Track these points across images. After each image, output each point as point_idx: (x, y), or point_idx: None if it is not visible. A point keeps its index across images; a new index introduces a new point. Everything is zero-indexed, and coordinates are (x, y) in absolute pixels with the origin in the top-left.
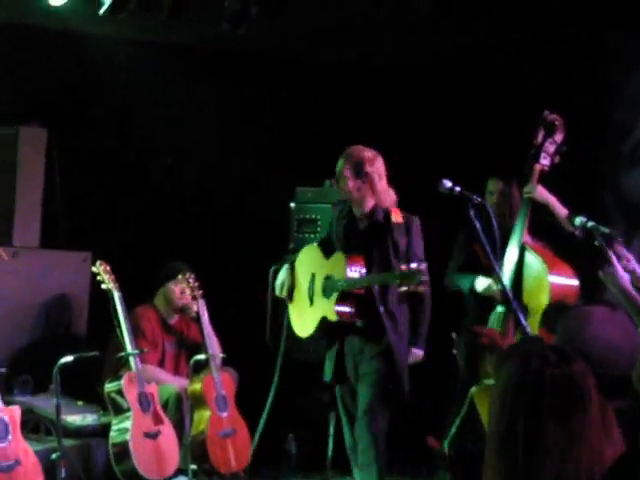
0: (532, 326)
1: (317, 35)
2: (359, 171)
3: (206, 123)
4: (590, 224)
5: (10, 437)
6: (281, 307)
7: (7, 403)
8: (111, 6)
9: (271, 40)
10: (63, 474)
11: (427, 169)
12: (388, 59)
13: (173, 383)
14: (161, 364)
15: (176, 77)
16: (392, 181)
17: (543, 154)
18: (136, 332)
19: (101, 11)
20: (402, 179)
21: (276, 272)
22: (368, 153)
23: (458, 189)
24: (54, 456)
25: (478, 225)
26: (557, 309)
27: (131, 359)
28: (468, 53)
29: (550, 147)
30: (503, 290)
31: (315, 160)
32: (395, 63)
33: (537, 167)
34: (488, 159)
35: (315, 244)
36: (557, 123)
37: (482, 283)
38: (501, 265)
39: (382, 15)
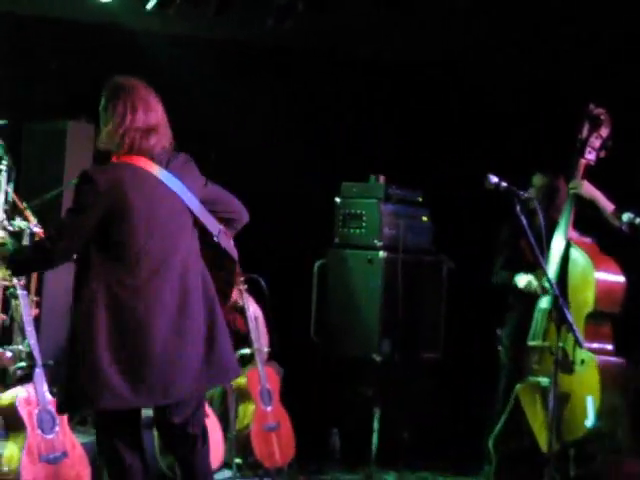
0: (577, 323)
1: (363, 30)
2: None
3: (252, 118)
4: (638, 220)
5: (57, 429)
6: (326, 302)
7: (54, 395)
8: (158, 1)
9: (317, 35)
10: None
11: (473, 165)
12: (433, 54)
13: None
14: None
15: (223, 72)
16: (438, 177)
17: (588, 149)
18: None
19: (149, 6)
20: (448, 174)
21: (321, 267)
22: None
23: (504, 185)
24: None
25: (524, 221)
26: None
27: None
28: (516, 49)
29: (595, 142)
30: (550, 286)
31: (361, 155)
32: (440, 58)
33: (582, 162)
34: (533, 154)
35: None
36: (602, 117)
37: (523, 279)
38: (547, 261)
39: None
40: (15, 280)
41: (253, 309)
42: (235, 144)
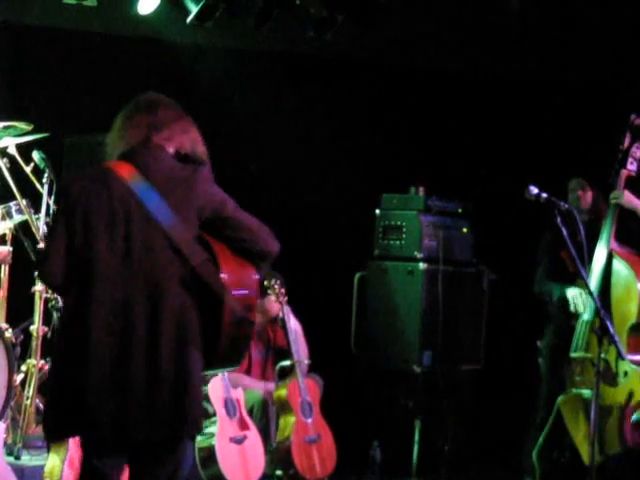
0: (620, 334)
1: (403, 40)
2: None
3: (292, 130)
4: None
5: None
6: (366, 314)
7: None
8: (198, 14)
9: (357, 46)
10: None
11: (513, 176)
12: (475, 65)
13: (259, 389)
14: (248, 371)
15: (263, 83)
16: (479, 188)
17: (630, 159)
18: None
19: (189, 19)
20: (488, 185)
21: (361, 279)
22: None
23: (545, 195)
24: None
25: (565, 232)
26: None
27: None
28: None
29: (637, 152)
30: (592, 297)
31: (401, 167)
32: (481, 69)
33: (624, 173)
34: (574, 165)
35: None
36: None
37: (573, 292)
38: (588, 272)
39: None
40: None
41: (293, 322)
42: (276, 156)
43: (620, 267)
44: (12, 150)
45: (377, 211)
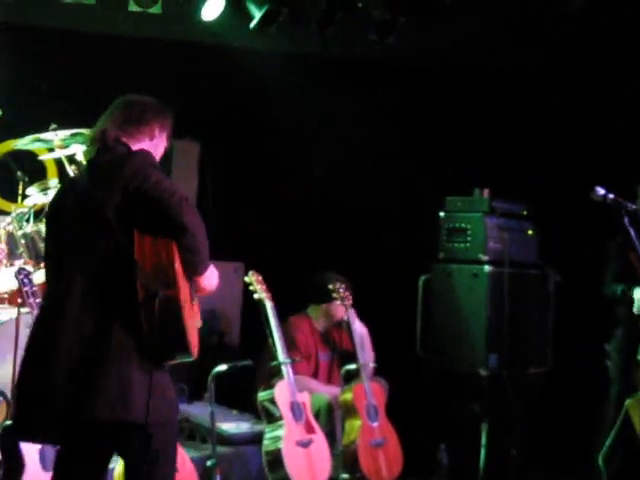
0: None
1: (466, 44)
2: None
3: (356, 133)
4: None
5: None
6: (431, 317)
7: None
8: (262, 19)
9: (419, 49)
10: None
11: (579, 176)
12: (539, 67)
13: (325, 392)
14: (315, 375)
15: (327, 88)
16: (544, 189)
17: None
18: (290, 343)
19: (252, 24)
20: (553, 186)
21: (426, 282)
22: None
23: (611, 196)
24: (209, 463)
25: (633, 233)
26: None
27: (283, 368)
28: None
29: None
30: None
31: (465, 169)
32: (547, 71)
33: None
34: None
35: None
36: None
37: (638, 292)
38: None
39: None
40: None
41: (358, 325)
42: (340, 160)
43: None
44: (80, 157)
45: (441, 214)
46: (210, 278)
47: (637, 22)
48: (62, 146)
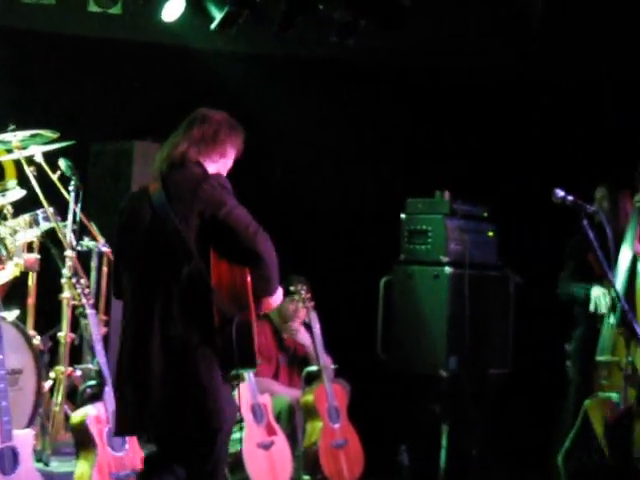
0: None
1: (425, 46)
2: None
3: (317, 135)
4: None
5: (127, 447)
6: (392, 318)
7: None
8: (222, 20)
9: (380, 51)
10: None
11: (538, 179)
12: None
13: (286, 394)
14: (275, 377)
15: (288, 89)
16: (504, 191)
17: None
18: None
19: (212, 26)
20: (513, 188)
21: (387, 283)
22: None
23: (571, 198)
24: None
25: (591, 234)
26: None
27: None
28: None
29: None
30: (618, 300)
31: (426, 171)
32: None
33: None
34: (597, 168)
35: None
36: None
37: (597, 292)
38: (614, 275)
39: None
40: (84, 299)
41: (319, 327)
42: (300, 161)
43: None
44: (39, 158)
45: (402, 215)
46: (277, 297)
47: (625, 23)
48: (20, 147)
